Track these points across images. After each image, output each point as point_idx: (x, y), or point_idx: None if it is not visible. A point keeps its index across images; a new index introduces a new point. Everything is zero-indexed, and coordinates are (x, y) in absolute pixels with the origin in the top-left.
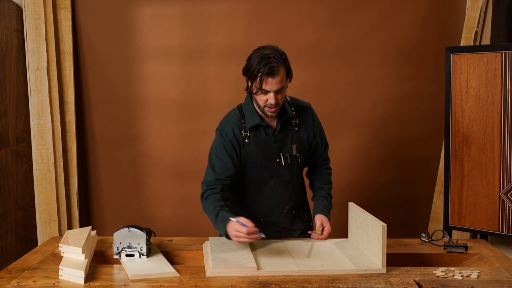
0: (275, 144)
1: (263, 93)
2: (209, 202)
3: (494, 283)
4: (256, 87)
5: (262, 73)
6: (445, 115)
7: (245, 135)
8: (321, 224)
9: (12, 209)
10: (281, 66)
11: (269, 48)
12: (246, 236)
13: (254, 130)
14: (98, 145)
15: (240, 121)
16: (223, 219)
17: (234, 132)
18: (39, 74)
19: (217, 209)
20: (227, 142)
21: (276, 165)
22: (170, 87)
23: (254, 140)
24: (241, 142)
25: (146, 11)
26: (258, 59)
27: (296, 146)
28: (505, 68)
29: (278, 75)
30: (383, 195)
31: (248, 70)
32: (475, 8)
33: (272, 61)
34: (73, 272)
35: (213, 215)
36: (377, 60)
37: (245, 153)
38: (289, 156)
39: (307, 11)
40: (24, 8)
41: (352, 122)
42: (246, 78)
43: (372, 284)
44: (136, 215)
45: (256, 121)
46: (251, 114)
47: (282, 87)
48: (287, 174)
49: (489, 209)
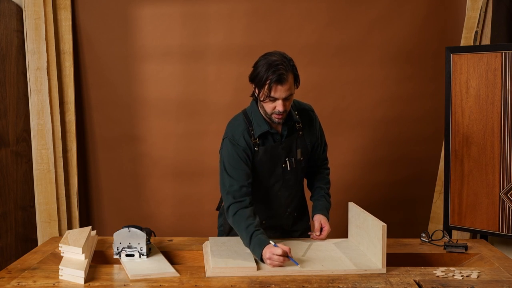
0: (282, 150)
1: (271, 101)
2: (240, 219)
3: (494, 283)
4: (264, 94)
5: (271, 80)
6: (445, 115)
7: (254, 142)
8: (319, 225)
9: (12, 209)
10: (290, 73)
11: (277, 55)
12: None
13: (262, 138)
14: (98, 145)
15: (249, 129)
16: (259, 241)
17: (246, 139)
18: (39, 74)
19: (252, 230)
20: (240, 151)
21: (282, 170)
22: (170, 87)
23: (263, 148)
24: (252, 149)
25: (146, 11)
26: (266, 67)
27: (301, 151)
28: (505, 68)
29: (287, 82)
30: (383, 195)
31: (256, 78)
32: (475, 8)
33: (280, 68)
34: (73, 272)
35: (247, 236)
36: (377, 60)
37: (254, 160)
38: (294, 161)
39: (307, 11)
40: (24, 8)
41: (352, 122)
42: (253, 85)
43: (372, 284)
44: (136, 215)
45: (265, 128)
46: (259, 121)
47: (290, 94)
48: (292, 178)
49: (489, 209)
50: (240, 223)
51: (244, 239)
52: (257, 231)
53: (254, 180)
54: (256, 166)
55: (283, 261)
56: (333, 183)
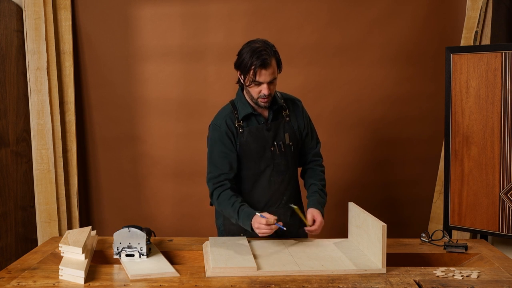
0: (268, 132)
1: (257, 85)
2: (224, 199)
3: (494, 283)
4: (250, 79)
5: (255, 66)
6: (445, 115)
7: (238, 125)
8: (312, 217)
9: (12, 209)
10: (272, 58)
11: (259, 42)
12: (266, 227)
13: (246, 120)
14: (98, 145)
15: (233, 113)
16: (246, 215)
17: (227, 123)
18: (39, 74)
19: (237, 206)
20: (222, 134)
21: (271, 153)
22: (170, 87)
23: (247, 130)
24: (235, 132)
25: (146, 11)
26: (249, 53)
27: (289, 135)
28: (505, 68)
29: (270, 66)
30: (383, 195)
31: (241, 64)
32: (475, 8)
33: (263, 53)
34: (73, 272)
35: (234, 212)
36: (377, 60)
37: (240, 143)
38: (282, 145)
39: (307, 11)
40: (24, 8)
41: (352, 122)
42: (238, 72)
43: (372, 284)
44: (136, 215)
45: (249, 110)
46: (243, 105)
47: (274, 78)
48: (282, 163)
49: (489, 209)
50: (225, 203)
51: (232, 216)
52: (242, 205)
53: (245, 165)
54: (243, 148)
55: (271, 229)
56: (333, 183)
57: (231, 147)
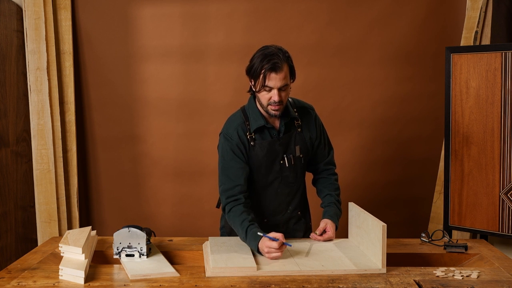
0: (279, 146)
1: (267, 91)
2: (234, 215)
3: (494, 283)
4: (260, 84)
5: (265, 69)
6: (445, 115)
7: (250, 137)
8: (324, 227)
9: (12, 209)
10: (284, 63)
11: (272, 47)
12: (278, 251)
13: (259, 132)
14: (98, 145)
15: (245, 123)
16: (254, 235)
17: (239, 134)
18: (39, 74)
19: (246, 225)
20: (234, 146)
21: (280, 166)
22: (170, 87)
23: (259, 143)
24: (246, 145)
25: (146, 11)
26: (261, 57)
27: (300, 147)
28: (505, 68)
29: (281, 71)
30: (383, 195)
31: (251, 68)
32: (475, 8)
33: (275, 57)
34: (73, 272)
35: (242, 231)
36: (377, 60)
37: (251, 155)
38: (292, 158)
39: (307, 11)
40: (24, 8)
41: (352, 122)
42: (249, 77)
43: (372, 284)
44: (136, 215)
45: (261, 123)
46: (255, 116)
47: (286, 84)
48: (291, 175)
49: (489, 209)
50: (235, 219)
51: (240, 234)
52: (251, 225)
53: (253, 177)
54: (253, 161)
55: (280, 251)
56: None
57: (242, 157)
